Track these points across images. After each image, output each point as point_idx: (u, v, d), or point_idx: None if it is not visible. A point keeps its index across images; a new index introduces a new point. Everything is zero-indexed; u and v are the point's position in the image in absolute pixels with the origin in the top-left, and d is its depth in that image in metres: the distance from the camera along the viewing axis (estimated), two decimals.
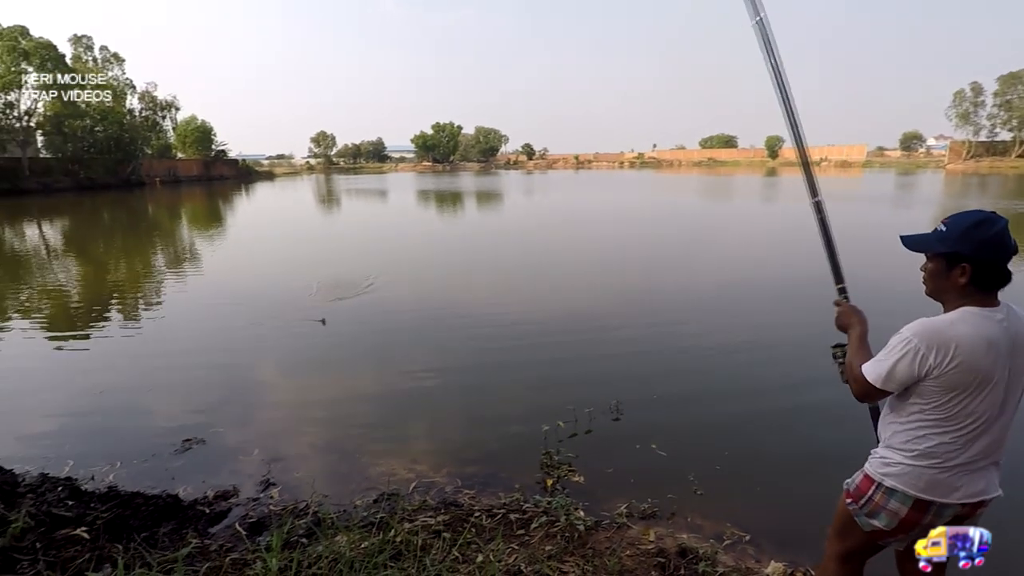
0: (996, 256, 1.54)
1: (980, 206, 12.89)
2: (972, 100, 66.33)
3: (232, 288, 9.62)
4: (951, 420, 1.59)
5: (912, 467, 1.64)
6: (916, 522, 1.67)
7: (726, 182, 44.88)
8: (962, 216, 1.59)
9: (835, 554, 1.90)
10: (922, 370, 1.56)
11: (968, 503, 1.64)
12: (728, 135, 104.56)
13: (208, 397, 5.03)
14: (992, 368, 1.53)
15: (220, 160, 66.44)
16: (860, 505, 1.75)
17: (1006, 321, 1.56)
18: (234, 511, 3.27)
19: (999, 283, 1.57)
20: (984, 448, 1.62)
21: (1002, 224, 1.54)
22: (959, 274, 1.57)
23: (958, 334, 1.53)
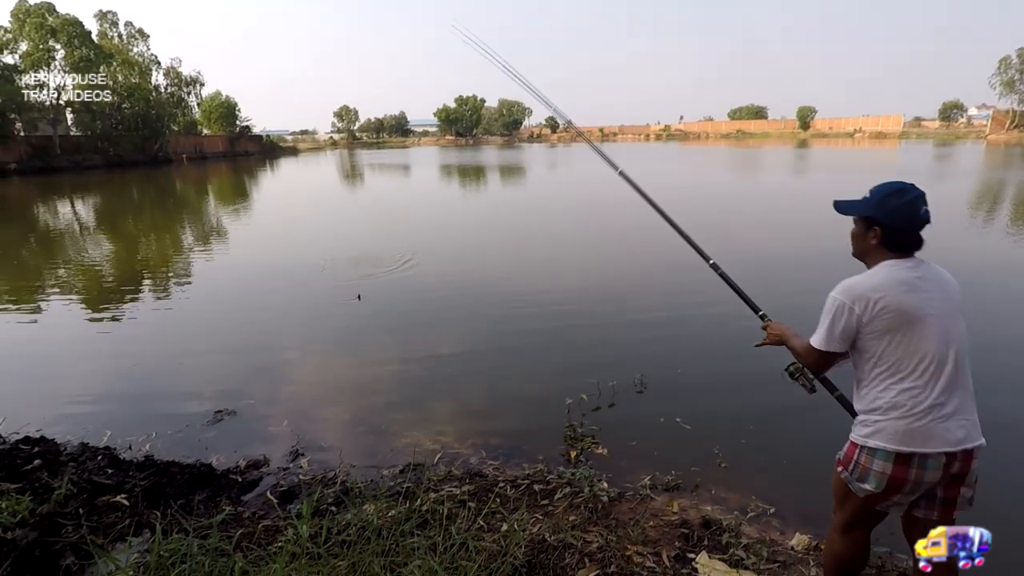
0: (904, 223, 1.73)
1: (1019, 178, 12.43)
2: (1019, 67, 63.06)
3: (261, 264, 9.78)
4: (902, 364, 1.70)
5: (885, 422, 1.71)
6: (903, 478, 1.70)
7: (753, 154, 43.79)
8: (883, 185, 1.79)
9: (838, 525, 1.94)
10: (854, 321, 1.73)
11: (951, 453, 1.67)
12: (758, 106, 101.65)
13: (238, 370, 5.15)
14: (916, 304, 1.69)
15: (245, 136, 66.95)
16: (850, 471, 1.80)
17: (919, 269, 1.74)
18: (265, 480, 3.36)
19: (907, 247, 1.75)
20: (946, 391, 1.68)
21: (914, 195, 1.73)
22: (871, 236, 1.78)
23: (874, 283, 1.72)
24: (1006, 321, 5.86)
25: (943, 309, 1.71)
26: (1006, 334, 5.46)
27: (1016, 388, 4.45)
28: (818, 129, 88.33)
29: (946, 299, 1.73)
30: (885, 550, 2.61)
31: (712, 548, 2.63)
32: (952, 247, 9.18)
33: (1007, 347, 5.14)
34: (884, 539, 2.57)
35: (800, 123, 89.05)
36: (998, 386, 4.35)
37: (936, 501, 1.77)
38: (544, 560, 2.44)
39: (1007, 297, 6.74)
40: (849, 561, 1.97)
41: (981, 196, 16.60)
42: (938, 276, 1.76)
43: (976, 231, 11.05)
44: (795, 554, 2.65)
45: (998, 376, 4.54)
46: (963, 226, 11.36)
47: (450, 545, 2.40)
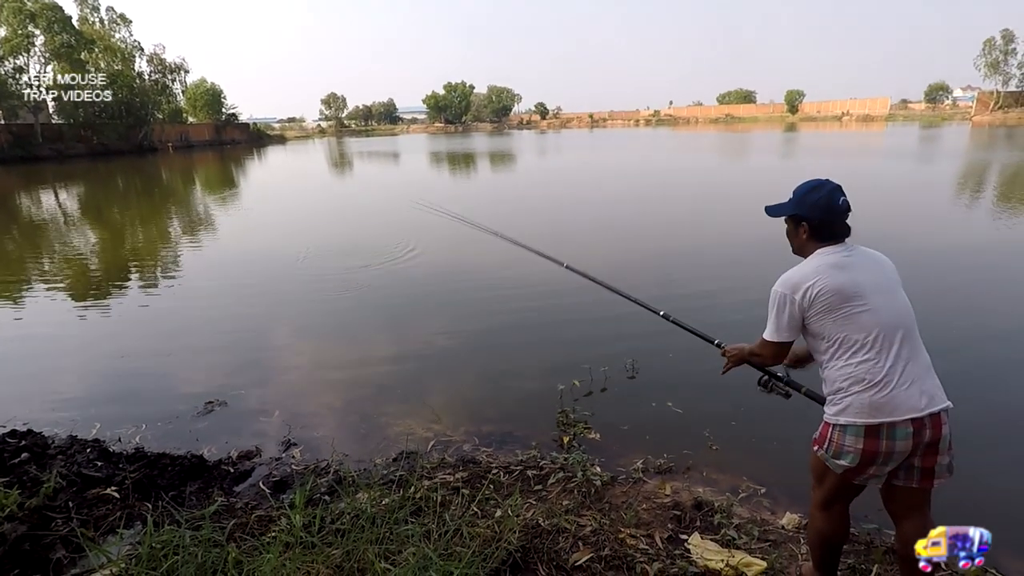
0: (825, 215, 1.86)
1: (1004, 159, 12.56)
2: (1002, 48, 63.46)
3: (250, 254, 9.69)
4: (850, 339, 1.78)
5: (850, 398, 1.77)
6: (875, 450, 1.75)
7: (742, 139, 43.80)
8: (802, 185, 1.93)
9: (818, 502, 1.99)
10: (796, 309, 1.84)
11: (917, 419, 1.72)
12: (747, 90, 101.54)
13: (228, 360, 5.11)
14: (850, 282, 1.78)
15: (231, 124, 66.06)
16: (825, 449, 1.86)
17: (849, 252, 1.85)
18: (257, 470, 3.35)
19: (834, 235, 1.88)
20: (900, 359, 1.75)
21: (828, 188, 1.87)
22: (802, 231, 1.92)
23: (807, 271, 1.84)
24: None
25: (880, 285, 1.81)
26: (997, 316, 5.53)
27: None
28: (806, 113, 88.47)
29: (882, 276, 1.84)
30: (873, 527, 2.65)
31: (704, 529, 2.66)
32: (937, 228, 9.26)
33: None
34: (873, 516, 2.61)
35: (788, 107, 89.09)
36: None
37: (915, 471, 1.80)
38: (538, 545, 2.45)
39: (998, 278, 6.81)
40: (832, 536, 2.02)
41: (966, 178, 16.72)
42: (870, 257, 1.88)
43: (962, 212, 11.15)
44: (785, 532, 2.68)
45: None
46: (948, 207, 11.47)
47: (444, 532, 2.40)
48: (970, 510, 2.53)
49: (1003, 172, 17.79)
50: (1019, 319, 5.48)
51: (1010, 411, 3.87)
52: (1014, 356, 4.71)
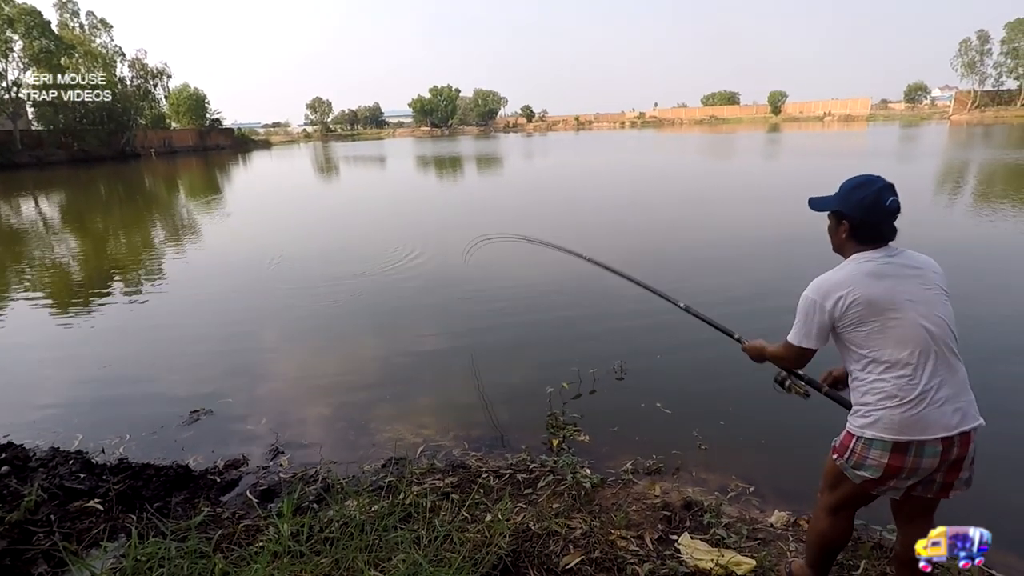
0: (869, 215, 1.74)
1: (982, 157, 12.73)
2: (978, 49, 64.86)
3: (233, 260, 9.60)
4: (884, 352, 1.69)
5: (880, 412, 1.70)
6: (900, 466, 1.70)
7: (726, 140, 44.16)
8: (849, 180, 1.80)
9: (826, 505, 1.96)
10: (826, 318, 1.75)
11: (948, 438, 1.66)
12: (730, 92, 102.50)
13: (214, 368, 5.06)
14: (886, 293, 1.69)
15: (215, 129, 65.47)
16: (846, 459, 1.81)
17: (891, 258, 1.74)
18: (244, 479, 3.31)
19: (877, 238, 1.77)
20: (936, 375, 1.67)
21: (879, 185, 1.74)
22: (842, 230, 1.81)
23: (840, 278, 1.74)
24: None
25: (920, 295, 1.71)
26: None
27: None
28: (789, 113, 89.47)
29: (924, 284, 1.73)
30: (861, 522, 2.67)
31: (694, 529, 2.67)
32: (926, 227, 9.39)
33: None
34: (860, 512, 2.62)
35: (771, 108, 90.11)
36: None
37: (935, 485, 1.76)
38: (529, 548, 2.44)
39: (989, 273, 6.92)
40: (834, 540, 2.01)
41: (945, 176, 16.99)
42: (913, 262, 1.76)
43: (943, 209, 11.33)
44: (774, 531, 2.70)
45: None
46: (930, 205, 11.64)
47: (434, 537, 2.39)
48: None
49: (983, 170, 18.09)
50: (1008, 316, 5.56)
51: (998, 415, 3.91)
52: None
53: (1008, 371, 4.41)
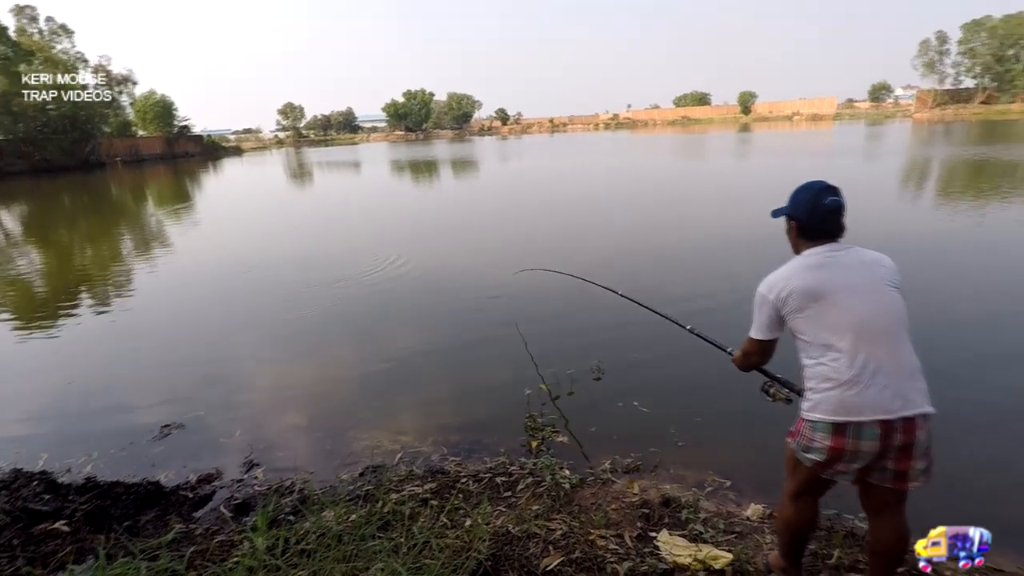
0: (811, 214, 1.89)
1: (944, 154, 13.13)
2: (937, 49, 67.13)
3: (205, 270, 9.41)
4: (820, 338, 1.81)
5: (820, 395, 1.81)
6: (841, 448, 1.77)
7: (700, 140, 44.78)
8: (798, 186, 1.96)
9: (789, 492, 2.04)
10: (772, 309, 1.90)
11: (886, 421, 1.71)
12: (702, 92, 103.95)
13: (185, 381, 4.95)
14: (823, 283, 1.82)
15: (184, 137, 64.23)
16: (797, 442, 1.91)
17: (836, 252, 1.86)
18: (218, 494, 3.25)
19: (821, 234, 1.90)
20: (873, 360, 1.73)
21: (817, 188, 1.90)
22: (792, 230, 1.98)
23: (784, 273, 1.90)
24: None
25: (860, 284, 1.81)
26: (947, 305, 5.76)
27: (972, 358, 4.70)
28: (759, 113, 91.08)
29: (867, 276, 1.83)
30: (833, 512, 2.72)
31: (672, 525, 2.69)
32: (887, 222, 9.63)
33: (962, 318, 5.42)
34: (832, 502, 2.68)
35: (742, 108, 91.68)
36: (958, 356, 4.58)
37: (888, 473, 1.79)
38: (509, 552, 2.43)
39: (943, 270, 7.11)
40: (800, 526, 2.06)
41: (909, 174, 17.47)
42: (858, 256, 1.87)
43: (907, 205, 11.63)
44: (751, 524, 2.73)
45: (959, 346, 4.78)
46: (895, 202, 11.95)
47: (413, 545, 2.37)
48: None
49: (944, 167, 18.63)
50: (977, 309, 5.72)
51: (951, 395, 4.02)
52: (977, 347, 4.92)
53: (964, 358, 4.54)
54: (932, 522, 2.62)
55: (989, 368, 4.43)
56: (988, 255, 7.54)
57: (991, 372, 4.36)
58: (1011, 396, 3.98)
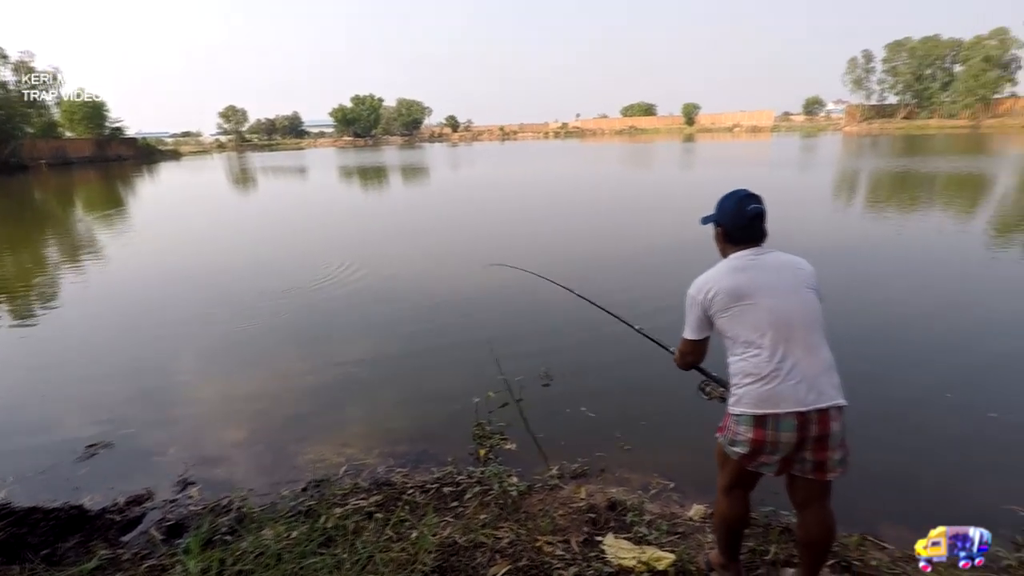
0: (734, 220, 2.01)
1: (872, 166, 13.83)
2: (864, 67, 71.46)
3: (139, 279, 8.96)
4: (742, 335, 1.91)
5: (742, 390, 1.91)
6: (762, 439, 1.87)
7: (649, 149, 45.93)
8: (724, 194, 2.06)
9: (721, 486, 2.13)
10: (700, 309, 2.00)
11: (802, 413, 1.81)
12: (648, 103, 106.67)
13: (115, 397, 4.68)
14: (745, 283, 1.92)
15: (116, 139, 61.08)
16: (725, 436, 2.00)
17: (757, 255, 1.97)
18: (149, 515, 3.08)
19: (744, 239, 2.00)
20: (790, 356, 1.84)
21: (739, 195, 2.00)
22: (718, 236, 2.09)
23: (710, 275, 2.00)
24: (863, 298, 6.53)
25: (777, 285, 1.92)
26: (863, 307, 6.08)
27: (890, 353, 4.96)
28: (702, 124, 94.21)
29: (787, 277, 1.94)
30: (769, 509, 2.83)
31: (618, 529, 2.72)
32: (818, 230, 10.12)
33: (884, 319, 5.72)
34: (768, 499, 2.78)
35: (686, 119, 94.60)
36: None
37: (807, 463, 1.89)
38: (455, 563, 2.41)
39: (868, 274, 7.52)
40: (733, 519, 2.14)
41: (840, 185, 18.44)
42: (778, 259, 1.98)
43: (839, 214, 12.27)
44: (693, 524, 2.80)
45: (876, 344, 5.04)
46: (826, 211, 12.58)
47: (356, 560, 2.32)
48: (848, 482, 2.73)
49: (871, 178, 19.75)
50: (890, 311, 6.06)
51: (872, 391, 4.25)
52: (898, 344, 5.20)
53: (870, 354, 4.81)
54: (868, 515, 2.78)
55: (896, 366, 4.70)
56: (901, 264, 8.04)
57: (901, 369, 4.62)
58: (922, 391, 4.22)
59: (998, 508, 2.89)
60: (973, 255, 8.38)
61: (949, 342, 5.18)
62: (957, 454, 3.49)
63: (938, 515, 2.87)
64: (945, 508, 3.01)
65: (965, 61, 63.81)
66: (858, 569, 2.40)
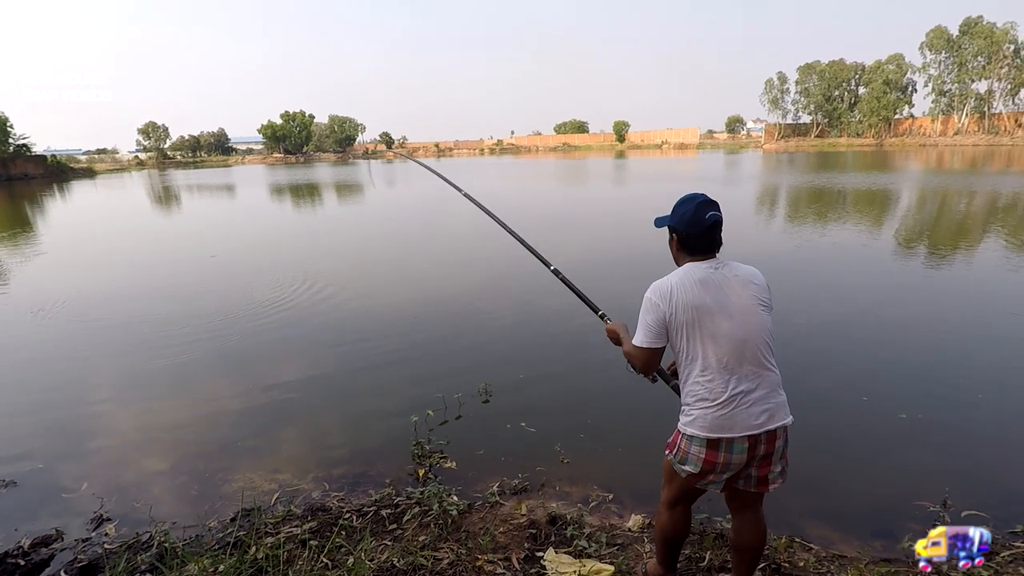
0: (692, 227, 1.91)
1: (789, 182, 14.69)
2: (779, 88, 76.40)
3: (48, 302, 8.32)
4: (698, 357, 1.86)
5: (696, 412, 1.88)
6: (714, 461, 1.87)
7: (584, 165, 47.02)
8: (679, 199, 1.98)
9: (665, 500, 2.12)
10: (661, 316, 1.88)
11: (753, 435, 1.83)
12: (580, 121, 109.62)
13: (18, 432, 4.32)
14: (708, 301, 1.85)
15: (22, 157, 56.93)
16: (674, 455, 1.97)
17: (716, 268, 1.91)
18: (58, 557, 2.85)
19: (701, 248, 1.93)
20: (745, 380, 1.83)
21: (697, 201, 1.92)
22: (674, 243, 2.01)
23: (672, 282, 1.89)
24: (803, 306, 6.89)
25: (739, 305, 1.86)
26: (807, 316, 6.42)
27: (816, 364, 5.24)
28: (632, 141, 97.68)
29: (744, 294, 1.88)
30: (704, 516, 2.92)
31: (559, 543, 2.73)
32: (751, 241, 10.64)
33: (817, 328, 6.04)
34: (704, 506, 2.87)
35: (617, 136, 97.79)
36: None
37: (752, 479, 1.95)
38: None
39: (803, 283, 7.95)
40: (675, 533, 2.16)
41: (763, 198, 19.50)
42: (736, 273, 1.91)
43: (760, 227, 12.96)
44: (632, 535, 2.84)
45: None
46: (753, 222, 13.27)
47: None
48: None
49: (790, 193, 20.99)
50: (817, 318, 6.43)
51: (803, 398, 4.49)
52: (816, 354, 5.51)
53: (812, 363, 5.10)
54: (794, 518, 2.91)
55: (810, 370, 4.99)
56: (815, 275, 8.56)
57: (815, 372, 4.91)
58: (837, 395, 4.50)
59: (910, 503, 3.10)
60: (880, 264, 9.04)
61: (858, 347, 5.53)
62: (871, 454, 3.71)
63: (855, 513, 3.09)
64: (862, 507, 3.18)
65: (867, 84, 69.46)
66: (787, 571, 2.50)
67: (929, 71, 65.64)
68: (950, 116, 65.71)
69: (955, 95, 63.99)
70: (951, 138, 62.75)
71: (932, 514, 2.98)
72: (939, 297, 7.23)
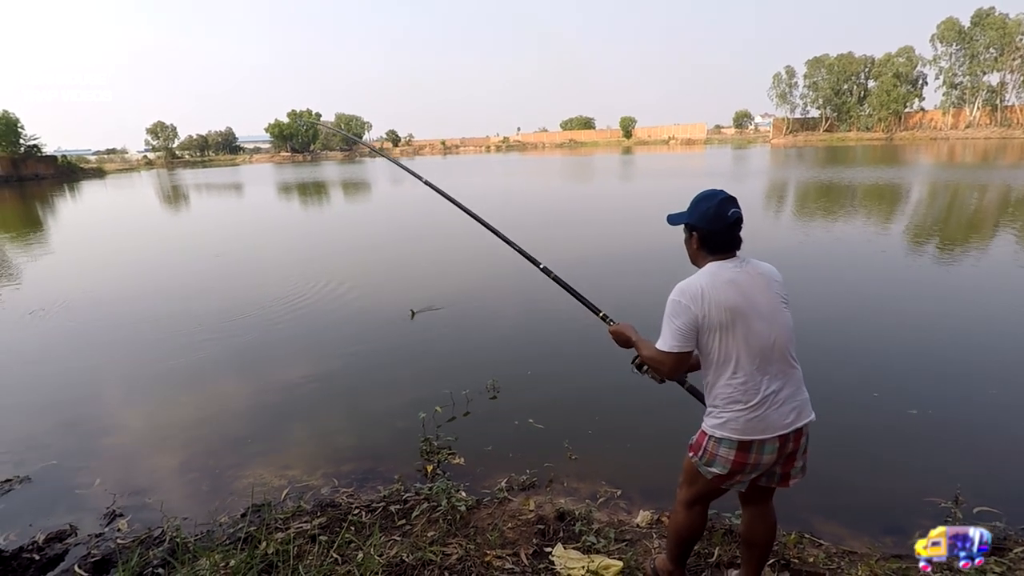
0: (713, 225, 1.85)
1: (797, 176, 14.58)
2: (787, 82, 75.75)
3: (64, 302, 8.40)
4: (731, 358, 1.82)
5: (727, 415, 1.84)
6: (744, 462, 1.85)
7: (591, 162, 46.90)
8: (697, 194, 1.91)
9: (683, 500, 2.09)
10: (692, 318, 1.81)
11: (783, 435, 1.83)
12: (586, 117, 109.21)
13: (33, 429, 4.37)
14: (739, 301, 1.80)
15: (33, 157, 57.43)
16: (699, 456, 1.94)
17: (740, 267, 1.86)
18: (72, 552, 2.89)
19: (723, 247, 1.88)
20: (775, 380, 1.82)
21: (719, 198, 1.85)
22: (693, 241, 1.93)
23: (702, 283, 1.82)
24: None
25: (766, 305, 1.84)
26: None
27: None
28: (639, 137, 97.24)
29: (767, 295, 1.85)
30: (713, 511, 2.90)
31: (567, 539, 2.74)
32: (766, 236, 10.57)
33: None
34: (713, 502, 2.84)
35: (623, 132, 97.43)
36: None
37: (775, 476, 1.95)
38: None
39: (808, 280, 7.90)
40: (691, 532, 2.14)
41: (771, 193, 19.39)
42: (759, 272, 1.88)
43: (772, 221, 12.89)
44: (640, 530, 2.85)
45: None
46: (761, 217, 13.19)
47: None
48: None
49: (799, 188, 20.84)
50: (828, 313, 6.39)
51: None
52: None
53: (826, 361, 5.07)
54: (804, 514, 2.90)
55: (821, 367, 4.96)
56: (838, 270, 8.51)
57: (825, 370, 4.88)
58: (848, 391, 4.47)
59: (921, 500, 3.08)
60: (890, 260, 8.97)
61: (868, 343, 5.49)
62: (881, 450, 3.69)
63: (866, 509, 3.07)
64: (872, 503, 3.16)
65: (877, 77, 68.74)
66: (796, 567, 2.50)
67: (940, 63, 64.87)
68: (961, 109, 64.93)
69: (967, 88, 63.24)
70: (963, 131, 62.02)
71: (943, 510, 2.96)
72: (950, 293, 7.17)
